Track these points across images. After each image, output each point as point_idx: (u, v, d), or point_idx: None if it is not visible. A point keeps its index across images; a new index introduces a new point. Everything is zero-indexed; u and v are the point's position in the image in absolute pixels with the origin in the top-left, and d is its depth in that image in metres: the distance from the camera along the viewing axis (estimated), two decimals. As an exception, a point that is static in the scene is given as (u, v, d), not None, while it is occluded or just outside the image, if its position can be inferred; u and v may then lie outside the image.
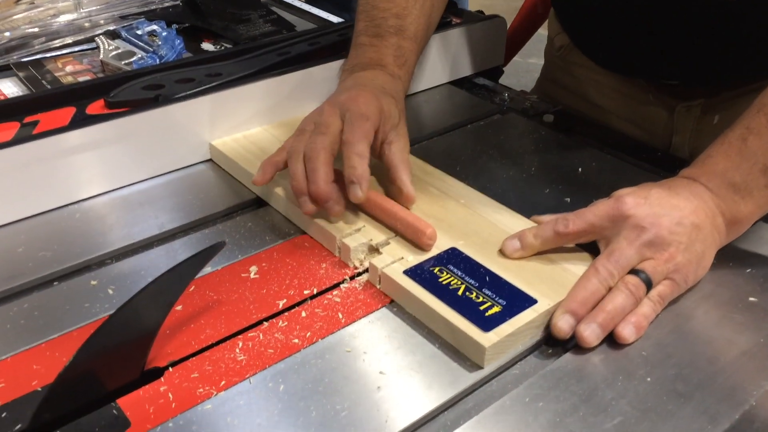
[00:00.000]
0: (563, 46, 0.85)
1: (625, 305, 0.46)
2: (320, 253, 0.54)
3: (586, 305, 0.47)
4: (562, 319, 0.46)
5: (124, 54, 0.79)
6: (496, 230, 0.54)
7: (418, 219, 0.52)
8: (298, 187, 0.53)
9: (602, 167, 0.66)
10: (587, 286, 0.47)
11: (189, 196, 0.61)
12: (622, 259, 0.48)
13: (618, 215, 0.49)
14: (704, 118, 0.74)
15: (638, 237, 0.48)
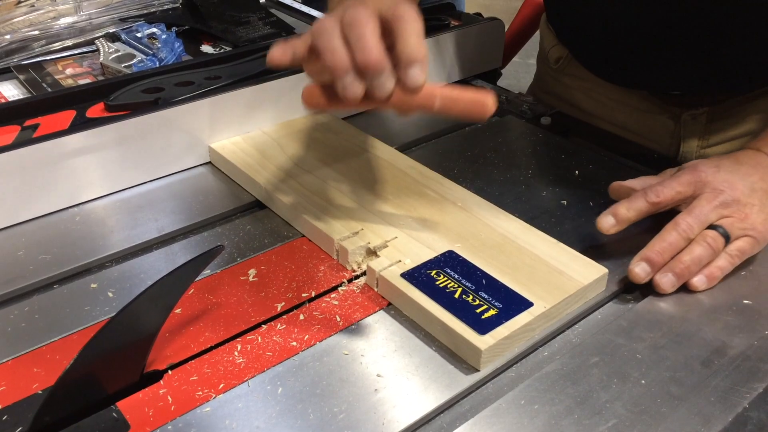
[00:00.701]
0: (560, 58, 0.84)
1: (703, 256, 0.51)
2: (318, 255, 0.54)
3: (663, 254, 0.51)
4: (639, 266, 0.51)
5: (124, 57, 0.79)
6: (493, 233, 0.54)
7: (473, 90, 0.45)
8: (339, 61, 0.43)
9: (599, 169, 0.67)
10: (666, 237, 0.51)
11: (188, 199, 0.61)
12: (702, 214, 0.52)
13: (698, 181, 0.54)
14: (711, 125, 0.74)
15: (716, 198, 0.53)
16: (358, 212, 0.56)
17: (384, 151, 0.65)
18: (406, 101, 0.45)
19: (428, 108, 0.45)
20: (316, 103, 0.47)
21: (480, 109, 0.45)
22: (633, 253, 0.55)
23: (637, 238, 0.56)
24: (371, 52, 0.43)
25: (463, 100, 0.45)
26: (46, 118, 0.61)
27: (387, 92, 0.44)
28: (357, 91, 0.43)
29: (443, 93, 0.45)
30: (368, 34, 0.43)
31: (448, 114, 0.46)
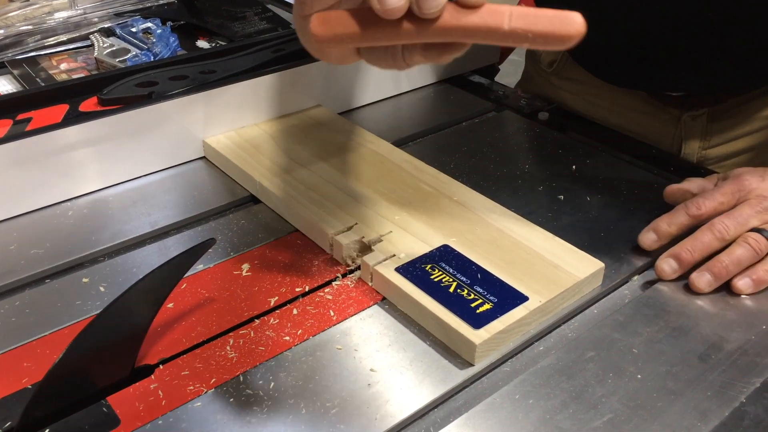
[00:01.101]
0: (554, 61, 0.81)
1: (743, 258, 0.49)
2: (313, 250, 0.54)
3: (693, 253, 0.50)
4: (666, 262, 0.50)
5: (118, 51, 0.79)
6: (489, 227, 0.54)
7: (554, 10, 0.34)
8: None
9: (597, 164, 0.66)
10: (699, 236, 0.50)
11: (182, 193, 0.60)
12: (741, 217, 0.51)
13: (742, 189, 0.52)
14: (712, 126, 0.73)
15: (760, 203, 0.51)
16: (352, 207, 0.56)
17: (379, 145, 0.65)
18: (464, 22, 0.34)
19: (494, 32, 0.34)
20: (333, 32, 0.37)
21: (566, 29, 0.34)
22: (630, 248, 0.55)
23: (634, 233, 0.55)
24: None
25: (542, 17, 0.34)
26: (39, 112, 0.61)
27: (439, 4, 0.34)
28: (398, 1, 0.34)
29: (515, 10, 0.35)
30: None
31: (522, 41, 0.34)
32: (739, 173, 0.54)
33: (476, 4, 0.34)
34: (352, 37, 0.36)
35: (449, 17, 0.34)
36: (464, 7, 0.34)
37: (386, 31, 0.35)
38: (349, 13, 0.37)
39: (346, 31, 0.36)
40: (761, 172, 0.54)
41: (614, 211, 0.59)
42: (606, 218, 0.58)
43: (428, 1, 0.34)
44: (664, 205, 0.58)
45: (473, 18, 0.34)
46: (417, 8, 0.34)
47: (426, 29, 0.35)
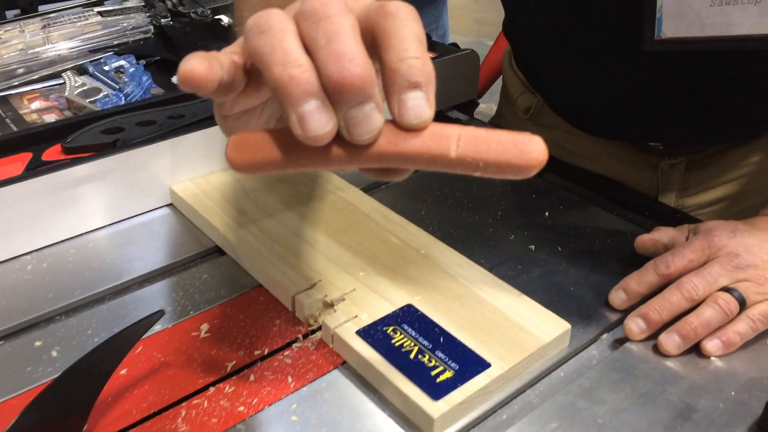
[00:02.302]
0: (531, 108, 0.80)
1: (712, 319, 0.48)
2: (275, 308, 0.53)
3: (662, 313, 0.49)
4: (634, 321, 0.49)
5: (90, 91, 0.78)
6: (455, 284, 0.52)
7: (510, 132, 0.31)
8: (296, 74, 0.29)
9: (570, 211, 0.65)
10: (667, 296, 0.49)
11: (147, 244, 0.59)
12: (710, 276, 0.49)
13: (712, 246, 0.51)
14: (690, 174, 0.72)
15: (730, 261, 0.50)
16: (317, 261, 0.55)
17: (349, 192, 0.64)
18: (403, 148, 0.30)
19: (439, 159, 0.30)
20: (250, 159, 0.31)
21: (524, 158, 0.30)
22: (599, 302, 0.54)
23: (603, 287, 0.54)
24: (353, 59, 0.28)
25: (497, 142, 0.30)
26: (0, 161, 0.60)
27: (374, 129, 0.30)
28: (324, 127, 0.29)
29: (464, 134, 0.30)
30: (346, 29, 0.29)
31: (472, 169, 0.30)
32: (709, 228, 0.53)
33: (417, 127, 0.30)
34: (274, 164, 0.31)
35: (386, 142, 0.30)
36: (404, 131, 0.31)
37: (313, 157, 0.31)
38: (270, 133, 0.32)
39: (266, 157, 0.31)
40: (732, 226, 0.53)
41: (585, 263, 0.58)
42: (576, 270, 0.57)
43: (360, 125, 0.29)
44: (636, 255, 0.57)
45: (414, 143, 0.30)
46: (347, 134, 0.30)
47: (359, 155, 0.31)
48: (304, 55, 0.29)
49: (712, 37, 0.54)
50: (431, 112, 0.30)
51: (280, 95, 0.29)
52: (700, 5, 0.53)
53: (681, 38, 0.55)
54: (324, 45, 0.29)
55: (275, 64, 0.29)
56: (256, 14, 0.31)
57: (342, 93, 0.29)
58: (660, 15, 0.54)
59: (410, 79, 0.29)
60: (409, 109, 0.30)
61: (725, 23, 0.53)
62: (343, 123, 0.30)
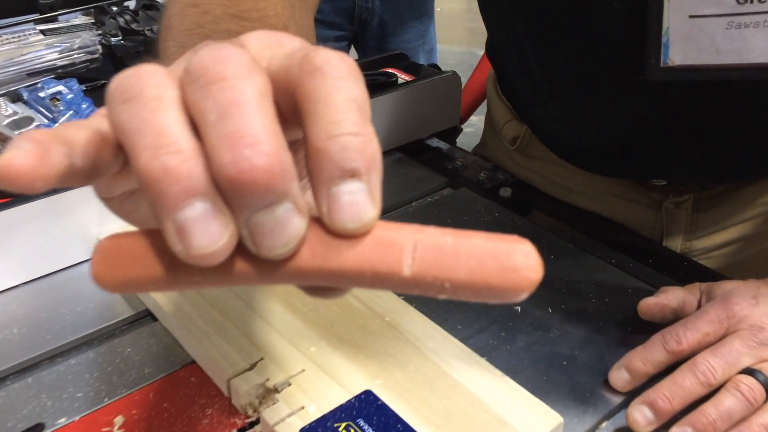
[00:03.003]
0: (518, 138, 0.70)
1: (734, 410, 0.40)
2: (208, 392, 0.44)
3: (673, 401, 0.41)
4: (639, 410, 0.41)
5: (22, 121, 0.69)
6: (425, 363, 0.44)
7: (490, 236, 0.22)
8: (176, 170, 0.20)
9: (562, 261, 0.56)
10: (679, 380, 0.41)
11: (66, 307, 0.50)
12: (730, 355, 0.41)
13: (732, 317, 0.43)
14: (698, 215, 0.63)
15: (755, 336, 0.42)
16: (262, 333, 0.46)
17: (306, 243, 0.55)
18: (335, 261, 0.22)
19: (386, 277, 0.22)
20: (123, 276, 0.23)
21: (508, 278, 0.21)
22: (597, 382, 0.45)
23: (602, 361, 0.46)
24: (255, 143, 0.20)
25: (469, 255, 0.21)
26: None
27: (292, 240, 0.21)
28: (214, 242, 0.20)
29: (423, 241, 0.22)
30: (247, 99, 0.20)
31: (435, 290, 0.22)
32: (727, 293, 0.45)
33: (354, 233, 0.21)
34: (157, 283, 0.23)
35: (310, 255, 0.22)
36: (336, 238, 0.22)
37: (210, 275, 0.22)
38: (153, 237, 0.22)
39: (145, 274, 0.22)
40: (753, 290, 0.44)
41: (580, 328, 0.49)
42: (570, 339, 0.48)
43: (270, 236, 0.21)
44: (640, 322, 0.49)
45: (350, 256, 0.22)
46: (253, 246, 0.21)
47: (273, 273, 0.22)
48: (188, 136, 0.21)
49: (728, 65, 0.45)
50: (375, 211, 0.22)
51: (150, 195, 0.20)
52: (714, 28, 0.44)
53: (691, 66, 0.46)
54: (215, 122, 0.20)
55: (143, 149, 0.20)
56: (121, 73, 0.22)
57: (241, 192, 0.20)
58: (666, 39, 0.46)
59: (344, 165, 0.21)
60: (342, 207, 0.21)
61: (743, 49, 0.44)
62: (246, 232, 0.21)
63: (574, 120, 0.60)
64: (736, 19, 0.43)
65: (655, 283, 0.53)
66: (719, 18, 0.44)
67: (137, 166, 0.20)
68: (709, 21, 0.44)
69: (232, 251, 0.21)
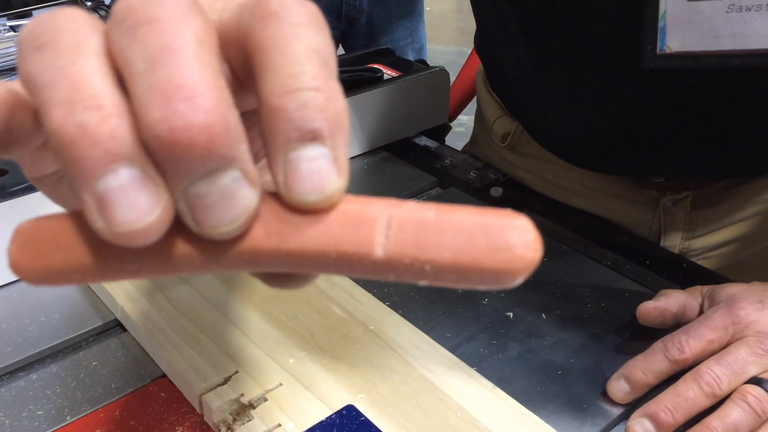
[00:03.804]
0: (509, 134, 0.67)
1: (741, 422, 0.38)
2: (179, 407, 0.41)
3: (675, 413, 0.38)
4: (640, 423, 0.39)
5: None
6: (411, 375, 0.41)
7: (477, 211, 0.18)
8: (95, 130, 0.16)
9: (556, 264, 0.54)
10: (682, 390, 0.39)
11: (26, 318, 0.47)
12: (736, 364, 0.39)
13: (737, 323, 0.41)
14: (697, 213, 0.60)
15: (762, 343, 0.40)
16: (236, 344, 0.43)
17: (286, 247, 0.52)
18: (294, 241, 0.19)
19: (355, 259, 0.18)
20: (45, 264, 0.19)
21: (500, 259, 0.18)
22: (594, 393, 0.42)
23: (599, 371, 0.43)
24: (192, 96, 0.16)
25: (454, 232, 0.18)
26: None
27: (240, 215, 0.18)
28: (143, 216, 0.17)
29: (398, 216, 0.18)
30: (184, 44, 0.17)
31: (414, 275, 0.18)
32: (732, 297, 0.42)
33: (316, 206, 0.18)
34: (83, 272, 0.19)
35: (264, 234, 0.19)
36: (296, 213, 0.19)
37: (145, 259, 0.19)
38: (76, 221, 0.19)
39: (70, 261, 0.19)
40: (759, 294, 0.42)
41: (575, 335, 0.47)
42: (565, 347, 0.46)
43: (214, 210, 0.17)
44: (637, 328, 0.46)
45: (312, 235, 0.18)
46: (194, 224, 0.18)
47: (220, 255, 0.19)
48: (111, 90, 0.17)
49: (729, 52, 0.43)
50: (340, 181, 0.18)
51: (64, 160, 0.17)
52: (714, 12, 0.42)
53: (690, 53, 0.44)
54: (143, 71, 0.17)
55: (56, 105, 0.17)
56: (36, 16, 0.19)
57: (175, 156, 0.17)
58: (663, 24, 0.43)
59: (304, 125, 0.18)
60: (302, 176, 0.18)
61: (744, 34, 0.42)
62: (184, 206, 0.18)
63: (567, 113, 0.57)
64: (738, 1, 0.41)
65: (654, 286, 0.51)
66: (719, 1, 0.41)
67: (48, 126, 0.17)
68: (709, 4, 0.41)
69: (169, 231, 0.18)
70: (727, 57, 0.43)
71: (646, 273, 0.53)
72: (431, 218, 0.18)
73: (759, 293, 0.42)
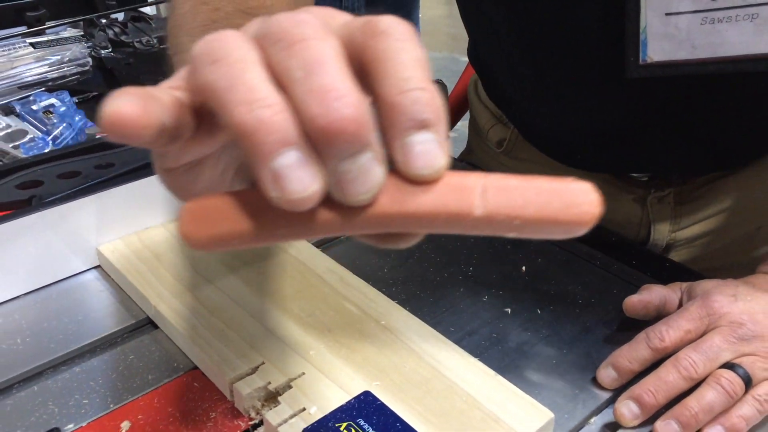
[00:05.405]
0: (505, 140, 0.73)
1: (715, 403, 0.42)
2: (211, 396, 0.45)
3: (657, 395, 0.43)
4: (626, 405, 0.43)
5: (15, 134, 0.70)
6: (421, 364, 0.45)
7: (549, 179, 0.24)
8: (270, 121, 0.22)
9: (549, 264, 0.58)
10: (663, 375, 0.43)
11: (66, 319, 0.51)
12: (711, 350, 0.43)
13: (712, 314, 0.45)
14: (681, 207, 0.66)
15: (734, 332, 0.44)
16: (261, 338, 0.47)
17: (300, 250, 0.56)
18: (412, 205, 0.24)
19: (459, 217, 0.24)
20: (212, 233, 0.25)
21: (572, 213, 0.24)
22: (586, 378, 0.47)
23: (590, 359, 0.48)
24: (342, 96, 0.22)
25: (533, 193, 0.24)
26: None
27: (374, 186, 0.23)
28: (308, 187, 0.22)
29: (490, 184, 0.24)
30: (329, 57, 0.22)
31: (505, 229, 0.24)
32: (707, 291, 0.47)
33: (428, 178, 0.23)
34: (244, 238, 0.25)
35: (389, 201, 0.24)
36: (411, 184, 0.24)
37: (295, 225, 0.24)
38: (235, 198, 0.25)
39: (233, 230, 0.24)
40: (732, 289, 0.47)
41: (568, 328, 0.51)
42: (558, 338, 0.50)
43: (356, 182, 0.23)
44: (624, 317, 0.51)
45: (425, 200, 0.24)
46: (339, 193, 0.23)
47: (354, 219, 0.24)
48: (276, 92, 0.23)
49: (704, 59, 0.48)
50: (445, 159, 0.24)
51: (246, 145, 0.22)
52: (689, 24, 0.47)
53: (669, 62, 0.49)
54: (302, 78, 0.22)
55: (237, 104, 0.22)
56: (205, 38, 0.24)
57: (331, 141, 0.22)
58: (645, 37, 0.48)
59: (417, 116, 0.23)
60: (417, 155, 0.23)
61: (718, 43, 0.47)
62: (333, 180, 0.23)
63: (559, 116, 0.62)
64: (710, 14, 0.46)
65: (639, 283, 0.55)
66: (694, 14, 0.46)
67: (233, 120, 0.22)
68: (685, 18, 0.46)
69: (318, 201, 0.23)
70: (703, 64, 0.48)
71: (632, 271, 0.58)
72: (515, 184, 0.24)
73: (732, 288, 0.47)
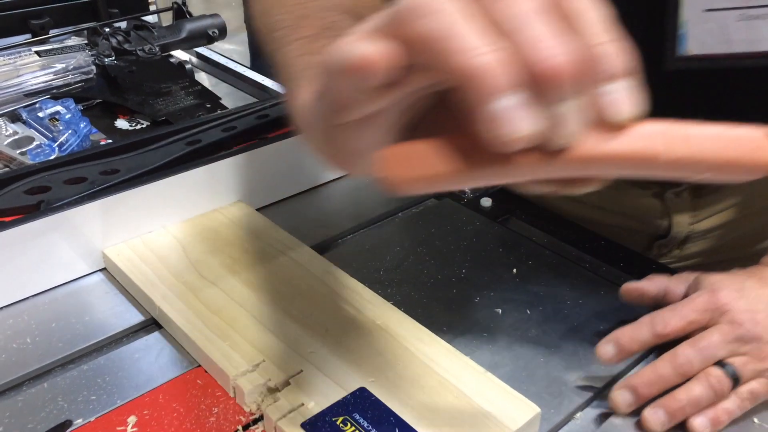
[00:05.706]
0: None
1: (701, 398, 0.44)
2: (214, 392, 0.47)
3: (651, 386, 0.45)
4: (621, 394, 0.45)
5: (22, 140, 0.72)
6: (413, 361, 0.47)
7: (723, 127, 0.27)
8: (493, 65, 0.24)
9: (539, 266, 0.61)
10: (659, 368, 0.45)
11: (73, 318, 0.53)
12: (708, 349, 0.45)
13: (717, 308, 0.47)
14: (698, 201, 0.67)
15: (732, 331, 0.46)
16: (261, 337, 0.49)
17: (300, 253, 0.58)
18: (608, 148, 0.26)
19: (648, 160, 0.26)
20: (416, 174, 0.27)
21: (752, 155, 0.26)
22: (572, 376, 0.49)
23: (576, 357, 0.50)
24: (559, 44, 0.24)
25: (710, 138, 0.26)
26: None
27: (580, 128, 0.26)
28: (528, 129, 0.24)
29: (670, 132, 0.27)
30: (541, 10, 0.24)
31: (686, 171, 0.27)
32: (715, 285, 0.48)
33: (625, 124, 0.26)
34: (445, 178, 0.27)
35: (586, 145, 0.26)
36: (605, 130, 0.26)
37: (496, 166, 0.26)
38: (430, 144, 0.27)
39: (435, 171, 0.26)
40: (739, 283, 0.48)
41: (556, 328, 0.53)
42: (546, 338, 0.52)
43: (568, 124, 0.25)
44: (609, 321, 0.53)
45: (619, 144, 0.26)
46: (553, 134, 0.25)
47: (554, 161, 0.26)
48: (494, 41, 0.24)
49: (741, 54, 0.50)
50: (636, 106, 0.26)
51: (469, 88, 0.24)
52: (726, 20, 0.49)
53: (706, 55, 0.51)
54: (519, 28, 0.24)
55: (457, 52, 0.24)
56: None
57: (550, 85, 0.24)
58: (684, 31, 0.50)
59: (613, 66, 0.25)
60: (617, 102, 0.26)
61: (753, 39, 0.49)
62: (548, 122, 0.25)
63: None
64: (748, 11, 0.48)
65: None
66: (732, 11, 0.48)
67: (455, 66, 0.24)
68: (723, 14, 0.49)
69: None
70: (738, 58, 0.50)
71: (619, 273, 0.60)
72: (695, 132, 0.26)
73: (738, 282, 0.48)
